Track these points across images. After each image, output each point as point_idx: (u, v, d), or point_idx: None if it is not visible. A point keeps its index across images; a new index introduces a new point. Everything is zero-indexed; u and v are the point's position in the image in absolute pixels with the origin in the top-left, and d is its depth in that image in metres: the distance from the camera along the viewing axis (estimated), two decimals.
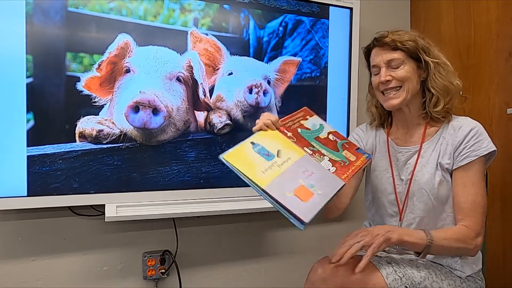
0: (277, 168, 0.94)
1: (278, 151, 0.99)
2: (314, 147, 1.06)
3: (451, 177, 1.09)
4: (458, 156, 1.06)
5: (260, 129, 1.05)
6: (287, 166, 0.96)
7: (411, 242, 1.00)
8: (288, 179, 0.93)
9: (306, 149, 1.04)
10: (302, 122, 1.11)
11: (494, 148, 1.06)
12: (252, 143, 0.98)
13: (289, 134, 1.06)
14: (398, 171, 1.15)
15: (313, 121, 1.14)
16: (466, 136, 1.06)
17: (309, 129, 1.10)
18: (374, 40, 1.13)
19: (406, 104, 1.12)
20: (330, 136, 1.11)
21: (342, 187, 0.99)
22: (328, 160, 1.04)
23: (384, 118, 1.23)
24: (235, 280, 1.70)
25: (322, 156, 1.04)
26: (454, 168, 1.07)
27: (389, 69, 1.10)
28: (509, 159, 1.51)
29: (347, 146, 1.10)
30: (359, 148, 1.12)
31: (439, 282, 1.04)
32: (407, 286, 1.00)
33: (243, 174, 0.91)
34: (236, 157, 0.95)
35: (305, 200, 0.90)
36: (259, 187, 0.90)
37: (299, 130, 1.09)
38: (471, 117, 1.12)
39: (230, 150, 0.95)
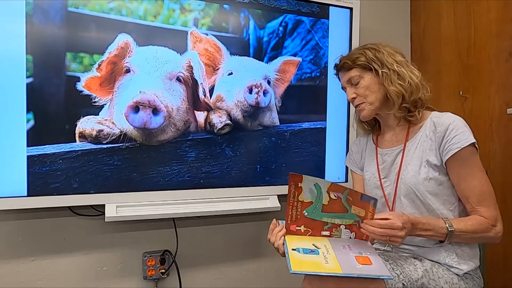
0: (329, 255, 0.99)
1: (313, 245, 1.03)
2: (327, 224, 1.08)
3: (442, 175, 1.09)
4: (442, 151, 1.08)
5: (281, 240, 1.06)
6: (332, 251, 1.00)
7: (429, 235, 1.03)
8: (345, 258, 0.98)
9: (323, 233, 1.08)
10: (299, 198, 1.07)
11: (474, 140, 1.06)
12: (293, 249, 1.01)
13: (302, 228, 1.09)
14: (386, 173, 1.18)
15: (307, 187, 1.07)
16: (446, 130, 1.07)
17: (311, 203, 1.07)
18: (334, 66, 1.22)
19: (379, 111, 1.17)
20: (332, 195, 1.07)
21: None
22: (345, 228, 1.08)
23: (371, 125, 1.27)
24: (235, 280, 1.70)
25: (338, 228, 1.08)
26: (444, 162, 1.08)
27: (352, 87, 1.16)
28: (509, 159, 1.51)
29: (351, 199, 1.05)
30: (363, 195, 1.06)
31: (436, 279, 1.04)
32: (404, 283, 1.00)
33: (317, 273, 0.95)
34: (300, 264, 0.98)
35: (370, 264, 0.96)
36: (337, 275, 0.94)
37: (305, 213, 1.08)
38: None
39: (290, 262, 0.97)
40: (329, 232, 1.08)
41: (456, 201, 1.10)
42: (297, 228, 1.08)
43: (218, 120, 1.49)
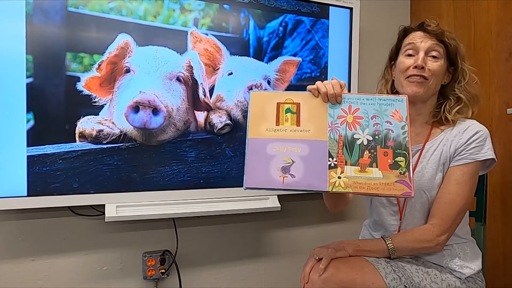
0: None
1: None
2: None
3: None
4: (456, 156, 1.06)
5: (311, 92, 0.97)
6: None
7: (368, 250, 1.05)
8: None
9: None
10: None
11: (492, 156, 1.05)
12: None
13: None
14: None
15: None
16: (470, 138, 1.05)
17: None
18: (422, 23, 1.10)
19: (424, 100, 1.11)
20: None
21: (319, 191, 0.90)
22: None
23: None
24: (235, 280, 1.70)
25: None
26: (449, 166, 1.07)
27: (426, 58, 1.07)
28: (509, 159, 1.51)
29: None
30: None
31: (438, 282, 1.04)
32: (406, 285, 1.00)
33: (248, 117, 0.91)
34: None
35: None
36: (247, 135, 0.91)
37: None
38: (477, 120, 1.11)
39: (265, 91, 0.91)
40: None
41: None
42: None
43: (218, 120, 1.49)
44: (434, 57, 1.07)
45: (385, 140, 0.92)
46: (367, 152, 0.91)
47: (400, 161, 0.91)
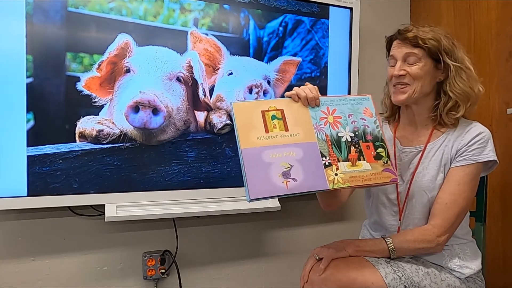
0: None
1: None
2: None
3: None
4: (458, 157, 1.06)
5: (291, 97, 1.02)
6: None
7: (368, 251, 1.05)
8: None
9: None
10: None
11: (494, 158, 1.05)
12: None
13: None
14: (401, 171, 1.14)
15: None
16: (472, 139, 1.05)
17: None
18: (397, 32, 1.11)
19: (415, 102, 1.10)
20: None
21: (322, 190, 0.94)
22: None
23: (394, 112, 1.21)
24: (235, 280, 1.70)
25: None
26: (450, 167, 1.07)
27: (405, 64, 1.08)
28: (509, 159, 1.51)
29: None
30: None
31: (438, 282, 1.04)
32: (406, 285, 1.00)
33: (236, 128, 0.92)
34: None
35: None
36: (239, 146, 0.91)
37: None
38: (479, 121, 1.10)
39: (246, 101, 0.94)
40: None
41: None
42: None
43: (218, 120, 1.49)
44: (412, 62, 1.07)
45: (364, 135, 1.01)
46: (353, 147, 0.99)
47: (381, 152, 1.00)
